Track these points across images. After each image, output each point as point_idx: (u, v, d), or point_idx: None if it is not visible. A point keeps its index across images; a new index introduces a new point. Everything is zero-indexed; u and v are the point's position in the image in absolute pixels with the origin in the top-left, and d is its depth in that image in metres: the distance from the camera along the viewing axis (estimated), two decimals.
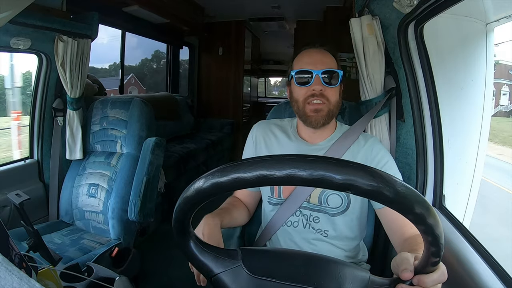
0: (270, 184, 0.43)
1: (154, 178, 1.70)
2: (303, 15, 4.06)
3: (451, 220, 1.06)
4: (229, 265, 0.58)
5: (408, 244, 0.84)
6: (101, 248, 1.53)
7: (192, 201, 0.48)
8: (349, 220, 1.01)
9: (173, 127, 3.57)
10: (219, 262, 0.58)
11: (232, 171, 0.44)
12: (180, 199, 0.50)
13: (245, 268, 0.57)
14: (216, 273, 0.57)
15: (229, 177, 0.44)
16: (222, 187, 0.45)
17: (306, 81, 1.00)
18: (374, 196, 0.40)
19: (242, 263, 0.58)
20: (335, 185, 0.40)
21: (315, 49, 1.04)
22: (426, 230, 0.44)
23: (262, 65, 6.46)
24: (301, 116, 1.04)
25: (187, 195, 0.48)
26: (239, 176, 0.43)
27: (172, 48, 4.06)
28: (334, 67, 1.01)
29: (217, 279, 0.57)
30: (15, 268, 0.29)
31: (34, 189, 1.86)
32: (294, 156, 0.42)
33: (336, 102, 1.02)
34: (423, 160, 1.19)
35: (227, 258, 0.58)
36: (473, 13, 1.34)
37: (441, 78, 1.19)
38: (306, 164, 0.41)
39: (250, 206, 1.17)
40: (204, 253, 0.58)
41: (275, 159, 0.42)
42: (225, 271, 0.57)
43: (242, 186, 0.44)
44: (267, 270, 0.57)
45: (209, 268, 0.58)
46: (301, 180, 0.41)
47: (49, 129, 1.94)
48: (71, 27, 1.70)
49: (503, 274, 0.78)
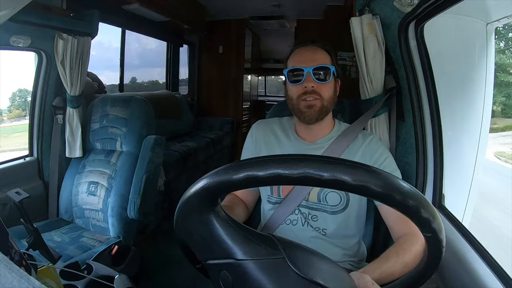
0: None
1: (154, 176, 1.70)
2: (303, 14, 4.06)
3: (451, 219, 1.06)
4: (265, 253, 0.47)
5: (400, 242, 0.86)
6: (100, 246, 1.53)
7: (233, 174, 0.42)
8: (348, 218, 1.01)
9: (173, 126, 3.56)
10: (251, 247, 0.47)
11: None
12: (226, 166, 0.44)
13: (291, 264, 0.46)
14: (242, 258, 0.46)
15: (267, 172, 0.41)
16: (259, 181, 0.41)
17: (298, 79, 1.01)
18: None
19: (287, 257, 0.47)
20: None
21: (306, 47, 1.05)
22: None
23: (262, 63, 6.45)
24: (296, 112, 1.05)
25: (229, 166, 0.43)
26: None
27: (172, 47, 4.05)
28: (326, 62, 1.01)
29: (241, 265, 0.46)
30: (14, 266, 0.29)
31: (34, 187, 1.86)
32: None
33: (330, 98, 1.03)
34: (423, 159, 1.20)
35: (261, 244, 0.48)
36: (474, 12, 1.34)
37: (441, 78, 1.19)
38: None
39: (249, 204, 1.17)
40: (232, 231, 0.48)
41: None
42: (258, 259, 0.46)
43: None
44: (318, 273, 0.47)
45: (233, 251, 0.47)
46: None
47: (49, 127, 1.93)
48: (71, 25, 1.69)
49: (502, 273, 0.78)
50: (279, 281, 0.45)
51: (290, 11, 3.93)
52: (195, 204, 0.47)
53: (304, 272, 0.46)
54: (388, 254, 0.83)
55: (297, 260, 0.47)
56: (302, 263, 0.47)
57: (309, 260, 0.49)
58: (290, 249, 0.48)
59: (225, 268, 0.48)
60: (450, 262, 0.88)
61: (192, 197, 0.47)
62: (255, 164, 0.42)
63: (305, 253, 0.51)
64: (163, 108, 3.32)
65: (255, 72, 5.45)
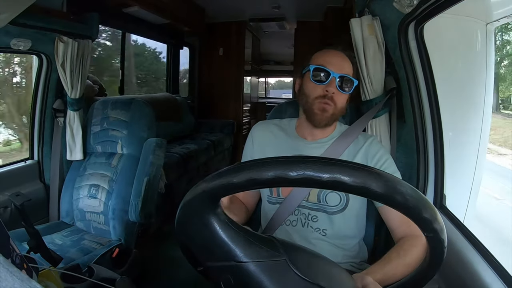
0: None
1: (155, 179, 1.70)
2: (303, 16, 4.07)
3: (452, 220, 1.06)
4: (266, 255, 0.47)
5: (401, 244, 0.86)
6: (102, 248, 1.53)
7: (235, 174, 0.43)
8: (347, 219, 1.01)
9: (174, 128, 3.56)
10: (252, 249, 0.47)
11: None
12: (228, 168, 0.44)
13: (292, 266, 0.46)
14: (244, 261, 0.46)
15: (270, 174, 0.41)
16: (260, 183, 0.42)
17: (322, 80, 0.99)
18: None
19: (288, 259, 0.47)
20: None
21: (337, 51, 1.03)
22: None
23: (262, 65, 6.46)
24: (307, 111, 1.04)
25: (232, 167, 0.44)
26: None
27: (172, 49, 4.06)
28: (351, 75, 1.02)
29: (242, 268, 0.46)
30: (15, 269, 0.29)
31: (35, 190, 1.86)
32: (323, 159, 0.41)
33: (342, 108, 1.03)
34: (424, 160, 1.20)
35: (263, 246, 0.48)
36: (473, 13, 1.34)
37: (442, 78, 1.19)
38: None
39: (249, 205, 1.17)
40: (233, 233, 0.47)
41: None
42: (260, 261, 0.46)
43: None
44: (319, 275, 0.47)
45: (234, 253, 0.47)
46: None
47: (49, 130, 1.94)
48: (71, 28, 1.70)
49: (504, 274, 0.78)
50: (280, 283, 0.45)
51: (289, 13, 3.94)
52: (196, 207, 0.47)
53: (305, 274, 0.46)
54: (390, 256, 0.83)
55: (298, 262, 0.47)
56: (304, 265, 0.47)
57: (310, 262, 0.49)
58: (291, 251, 0.48)
59: (227, 271, 0.47)
60: (452, 263, 0.88)
61: (193, 200, 0.47)
62: (255, 166, 0.42)
63: (306, 255, 0.51)
64: (164, 110, 3.32)
65: (255, 74, 5.46)
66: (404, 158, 1.29)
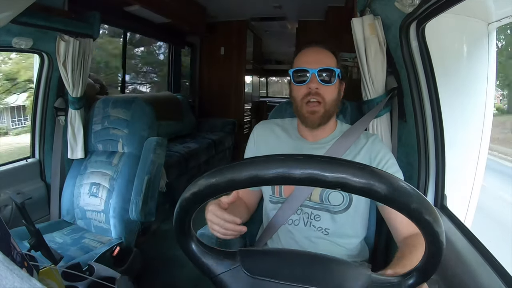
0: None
1: (156, 178, 1.70)
2: (304, 15, 4.05)
3: (453, 220, 1.05)
4: (229, 266, 0.58)
5: (408, 242, 0.85)
6: (102, 247, 1.54)
7: (193, 201, 0.50)
8: (350, 218, 1.01)
9: (175, 127, 3.56)
10: (220, 263, 0.58)
11: (228, 172, 0.45)
12: (180, 200, 0.51)
13: (243, 269, 0.58)
14: (217, 274, 0.58)
15: (225, 179, 0.45)
16: (218, 189, 0.47)
17: (302, 80, 1.00)
18: (366, 193, 0.41)
19: (241, 264, 0.58)
20: (326, 183, 0.42)
21: (313, 48, 1.05)
22: (424, 227, 0.44)
23: (264, 64, 6.46)
24: (299, 115, 1.05)
25: (187, 196, 0.50)
26: (234, 176, 0.45)
27: (174, 48, 4.06)
28: (331, 65, 1.01)
29: (218, 280, 0.58)
30: (16, 267, 0.29)
31: (36, 189, 1.86)
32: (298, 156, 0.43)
33: (333, 101, 1.02)
34: (425, 160, 1.19)
35: (227, 259, 0.59)
36: (475, 12, 1.33)
37: (443, 78, 1.18)
38: (296, 163, 0.42)
39: (250, 205, 1.17)
40: (205, 254, 0.59)
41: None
42: (226, 272, 0.58)
43: (237, 186, 0.46)
44: (266, 270, 0.58)
45: (210, 269, 0.58)
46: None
47: (50, 129, 1.94)
48: (72, 26, 1.70)
49: (505, 275, 0.77)
50: (239, 285, 0.57)
51: (291, 12, 3.93)
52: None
53: (252, 272, 0.57)
54: (403, 253, 0.81)
55: (248, 264, 0.58)
56: (251, 265, 0.58)
57: (261, 261, 0.60)
58: (245, 257, 0.59)
59: (214, 283, 0.59)
60: (452, 263, 0.88)
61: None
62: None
63: (262, 256, 0.63)
64: (165, 109, 3.32)
65: (256, 73, 5.45)
66: (405, 157, 1.29)
